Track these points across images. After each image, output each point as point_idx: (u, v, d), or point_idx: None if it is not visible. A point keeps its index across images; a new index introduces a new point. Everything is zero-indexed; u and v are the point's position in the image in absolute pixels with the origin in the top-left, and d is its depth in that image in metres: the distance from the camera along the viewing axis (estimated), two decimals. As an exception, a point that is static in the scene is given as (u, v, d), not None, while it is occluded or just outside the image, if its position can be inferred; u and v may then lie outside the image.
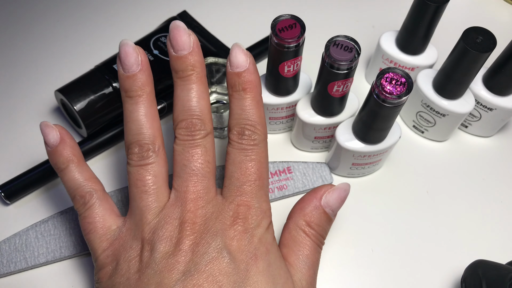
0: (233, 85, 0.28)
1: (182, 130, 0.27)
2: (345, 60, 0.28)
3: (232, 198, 0.26)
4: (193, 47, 0.28)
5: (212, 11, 0.47)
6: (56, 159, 0.28)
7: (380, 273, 0.33)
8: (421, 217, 0.35)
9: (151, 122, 0.27)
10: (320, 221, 0.27)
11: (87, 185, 0.27)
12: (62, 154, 0.28)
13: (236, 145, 0.27)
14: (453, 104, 0.35)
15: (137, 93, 0.27)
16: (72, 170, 0.28)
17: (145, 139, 0.27)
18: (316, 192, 0.28)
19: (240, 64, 0.28)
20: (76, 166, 0.28)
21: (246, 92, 0.28)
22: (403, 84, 0.28)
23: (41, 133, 0.28)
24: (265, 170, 0.27)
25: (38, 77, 0.42)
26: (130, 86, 0.27)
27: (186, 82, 0.28)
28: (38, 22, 0.46)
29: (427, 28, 0.35)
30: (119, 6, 0.48)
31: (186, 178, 0.26)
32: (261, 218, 0.26)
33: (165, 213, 0.26)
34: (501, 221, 0.35)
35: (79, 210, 0.27)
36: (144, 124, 0.27)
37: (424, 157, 0.38)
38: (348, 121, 0.34)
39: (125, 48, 0.27)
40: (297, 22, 0.29)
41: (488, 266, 0.29)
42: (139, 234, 0.26)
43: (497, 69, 0.34)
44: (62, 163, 0.28)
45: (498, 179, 0.37)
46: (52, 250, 0.32)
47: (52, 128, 0.28)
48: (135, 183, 0.26)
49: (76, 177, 0.27)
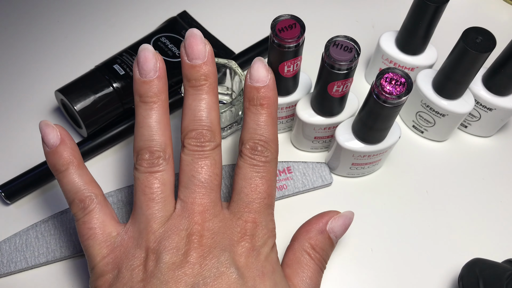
0: (250, 99, 0.28)
1: (192, 140, 0.27)
2: (345, 60, 0.28)
3: (240, 214, 0.26)
4: (208, 57, 0.27)
5: (212, 11, 0.47)
6: (55, 160, 0.27)
7: (379, 273, 0.33)
8: (421, 217, 0.35)
9: (164, 130, 0.27)
10: (324, 246, 0.28)
11: (87, 189, 0.27)
12: (62, 156, 0.27)
13: (248, 160, 0.27)
14: (452, 104, 0.35)
15: (152, 99, 0.27)
16: (72, 172, 0.27)
17: (156, 146, 0.26)
18: (322, 216, 0.29)
19: (260, 79, 0.28)
20: (76, 169, 0.27)
21: (263, 108, 0.27)
22: (402, 84, 0.28)
23: (41, 132, 0.27)
24: (274, 188, 0.27)
25: (38, 77, 0.42)
26: (146, 92, 0.27)
27: (198, 91, 0.27)
28: (38, 22, 0.46)
29: (427, 28, 0.35)
30: (119, 6, 0.48)
31: (194, 189, 0.26)
32: (267, 237, 0.26)
33: (171, 223, 0.25)
34: (500, 220, 0.35)
35: (77, 215, 0.26)
36: (157, 131, 0.27)
37: (423, 157, 0.38)
38: (348, 121, 0.34)
39: (145, 53, 0.27)
40: (297, 22, 0.29)
41: (485, 265, 0.29)
42: (144, 243, 0.25)
43: (497, 69, 0.34)
44: (61, 165, 0.27)
45: (497, 179, 0.37)
46: (52, 250, 0.32)
47: (53, 128, 0.27)
48: (143, 190, 0.26)
49: (76, 180, 0.27)
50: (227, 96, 0.39)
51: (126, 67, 0.37)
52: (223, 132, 0.38)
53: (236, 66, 0.35)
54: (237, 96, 0.35)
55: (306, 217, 0.35)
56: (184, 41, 0.27)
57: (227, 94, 0.39)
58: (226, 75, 0.37)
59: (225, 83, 0.38)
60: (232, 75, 0.36)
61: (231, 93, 0.38)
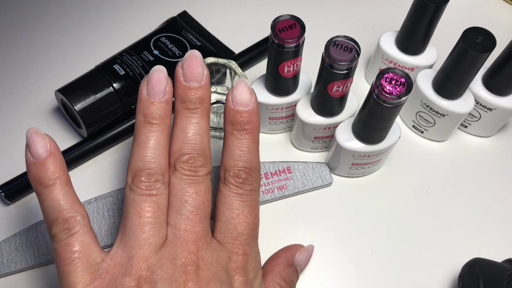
0: (233, 123, 0.27)
1: (185, 164, 0.25)
2: (345, 60, 0.28)
3: (230, 245, 0.26)
4: (205, 81, 0.27)
5: (212, 11, 0.47)
6: (41, 173, 0.24)
7: (379, 273, 0.33)
8: (421, 217, 0.35)
9: (164, 154, 0.26)
10: (292, 277, 0.29)
11: (72, 209, 0.24)
12: (50, 169, 0.24)
13: (234, 189, 0.26)
14: (452, 104, 0.35)
15: (157, 121, 0.26)
16: (58, 189, 0.24)
17: (156, 169, 0.25)
18: (289, 250, 0.31)
19: (244, 102, 0.27)
20: (63, 186, 0.24)
21: (247, 133, 0.27)
22: (402, 84, 0.28)
23: (28, 140, 0.24)
24: (258, 217, 0.27)
25: (38, 77, 0.42)
26: (151, 113, 0.26)
27: (193, 114, 0.26)
28: (38, 22, 0.46)
29: (427, 28, 0.35)
30: (119, 6, 0.48)
31: (188, 216, 0.25)
32: (257, 269, 0.26)
33: (165, 251, 0.24)
34: (500, 220, 0.35)
35: (58, 236, 0.24)
36: (157, 154, 0.26)
37: (423, 157, 0.38)
38: (348, 121, 0.34)
39: (158, 74, 0.26)
40: (297, 22, 0.29)
41: (485, 264, 0.29)
42: (134, 271, 0.23)
43: (497, 69, 0.34)
44: (48, 179, 0.24)
45: (497, 179, 0.37)
46: (52, 250, 0.32)
47: (43, 137, 0.25)
48: (138, 213, 0.24)
49: (61, 197, 0.24)
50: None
51: (126, 67, 0.37)
52: (223, 132, 0.37)
53: (236, 66, 0.35)
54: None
55: (306, 217, 0.35)
56: (183, 61, 0.27)
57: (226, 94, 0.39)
58: (226, 75, 0.37)
59: (225, 83, 0.38)
60: (232, 75, 0.36)
61: (231, 93, 0.38)
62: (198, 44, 0.42)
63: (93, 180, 0.36)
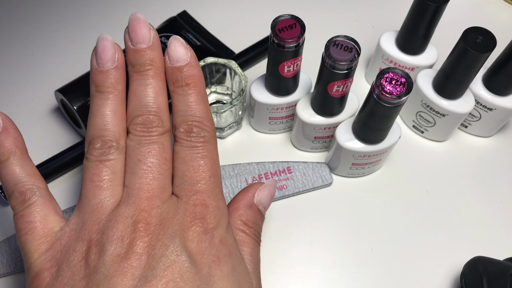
0: (174, 81, 0.26)
1: (138, 126, 0.25)
2: (345, 60, 0.28)
3: (187, 197, 0.24)
4: (153, 41, 0.26)
5: (212, 11, 0.47)
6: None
7: (380, 273, 0.33)
8: (421, 216, 0.35)
9: (118, 120, 0.26)
10: (255, 219, 0.27)
11: (28, 181, 0.24)
12: (4, 145, 0.25)
13: (185, 143, 0.25)
14: (453, 104, 0.35)
15: (108, 89, 0.26)
16: (13, 163, 0.24)
17: (109, 135, 0.25)
18: (247, 191, 0.28)
19: (180, 58, 0.26)
20: (18, 160, 0.25)
21: (189, 87, 0.26)
22: (403, 84, 0.28)
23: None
24: (218, 167, 0.26)
25: (38, 77, 0.42)
26: (102, 82, 0.26)
27: (144, 77, 0.26)
28: (38, 22, 0.46)
29: (427, 28, 0.35)
30: (119, 6, 0.48)
31: (141, 174, 0.24)
32: (219, 217, 0.25)
33: (116, 212, 0.23)
34: (499, 221, 0.35)
35: (16, 208, 0.24)
36: (111, 121, 0.25)
37: (424, 157, 0.38)
38: (348, 121, 0.34)
39: (103, 42, 0.26)
40: (297, 22, 0.29)
41: (488, 262, 0.29)
42: (86, 235, 0.23)
43: (497, 69, 0.34)
44: (2, 154, 0.24)
45: (497, 179, 0.37)
46: (52, 250, 0.32)
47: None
48: (90, 178, 0.24)
49: (16, 171, 0.24)
50: (227, 96, 0.39)
51: (126, 67, 0.37)
52: (222, 132, 0.38)
53: (236, 66, 0.35)
54: (237, 96, 0.35)
55: (306, 217, 0.35)
56: (128, 25, 0.26)
57: (227, 94, 0.39)
58: (226, 75, 0.37)
59: (225, 83, 0.38)
60: (232, 75, 0.36)
61: (231, 93, 0.38)
62: (198, 44, 0.42)
63: (93, 180, 0.36)
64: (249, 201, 0.27)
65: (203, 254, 0.23)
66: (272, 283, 0.32)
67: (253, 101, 0.35)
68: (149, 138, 0.25)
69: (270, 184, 0.28)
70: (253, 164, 0.36)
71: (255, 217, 0.27)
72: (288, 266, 0.33)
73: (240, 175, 0.36)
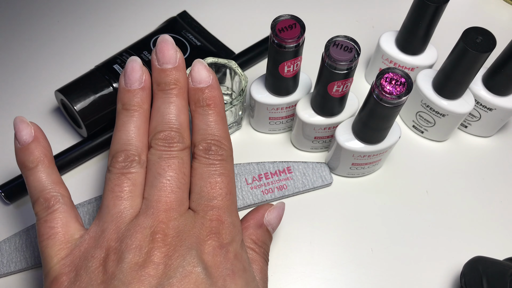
0: (196, 101, 0.28)
1: (160, 141, 0.26)
2: (345, 60, 0.28)
3: (204, 212, 0.25)
4: (179, 62, 0.28)
5: (212, 11, 0.47)
6: (25, 157, 0.26)
7: (380, 273, 0.33)
8: (421, 216, 0.35)
9: (142, 136, 0.27)
10: (264, 239, 0.28)
11: (53, 188, 0.26)
12: (33, 153, 0.26)
13: (203, 160, 0.26)
14: (452, 104, 0.35)
15: (134, 107, 0.27)
16: (40, 170, 0.26)
17: (132, 150, 0.26)
18: (257, 211, 0.29)
19: (203, 80, 0.28)
20: (45, 168, 0.26)
21: (210, 108, 0.27)
22: (402, 84, 0.28)
23: (14, 128, 0.27)
24: (234, 185, 0.27)
25: (38, 77, 0.42)
26: (129, 100, 0.27)
27: (168, 95, 0.27)
28: (38, 22, 0.46)
29: (427, 28, 0.35)
30: (119, 6, 0.48)
31: (160, 188, 0.25)
32: (234, 234, 0.25)
33: (135, 222, 0.24)
34: (500, 220, 0.35)
35: (39, 214, 0.25)
36: (134, 136, 0.27)
37: (423, 157, 0.38)
38: (348, 121, 0.34)
39: (133, 64, 0.28)
40: (297, 22, 0.29)
41: (487, 262, 0.29)
42: (105, 243, 0.24)
43: (497, 69, 0.34)
44: (31, 161, 0.26)
45: (497, 179, 0.37)
46: (52, 250, 0.32)
47: (28, 124, 0.27)
48: (112, 188, 0.25)
49: (43, 178, 0.26)
50: (227, 96, 0.39)
51: (126, 67, 0.37)
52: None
53: (236, 66, 0.35)
54: (237, 96, 0.35)
55: (306, 217, 0.35)
56: (156, 46, 0.28)
57: (227, 94, 0.39)
58: (226, 75, 0.37)
59: (225, 83, 0.38)
60: (232, 75, 0.36)
61: (231, 93, 0.38)
62: (198, 44, 0.42)
63: (93, 180, 0.36)
64: (259, 221, 0.28)
65: (218, 267, 0.24)
66: (272, 283, 0.32)
67: (253, 101, 0.35)
68: (170, 153, 0.26)
69: (279, 207, 0.30)
70: (253, 164, 0.36)
71: (264, 236, 0.28)
72: (288, 266, 0.33)
73: (240, 175, 0.36)
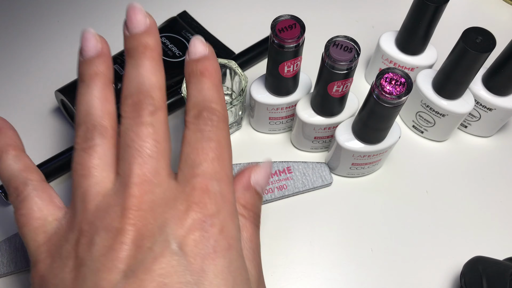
0: (190, 72, 0.25)
1: (128, 108, 0.24)
2: (345, 60, 0.28)
3: (186, 181, 0.22)
4: (149, 27, 0.25)
5: (212, 11, 0.47)
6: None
7: (380, 273, 0.33)
8: (421, 216, 0.35)
9: (102, 103, 0.24)
10: (254, 201, 0.26)
11: (21, 175, 0.24)
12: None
13: (192, 127, 0.24)
14: (452, 104, 0.35)
15: (91, 76, 0.25)
16: (7, 159, 0.25)
17: (91, 121, 0.24)
18: (243, 174, 0.26)
19: (198, 52, 0.25)
20: (12, 156, 0.25)
21: (204, 76, 0.25)
22: (402, 84, 0.28)
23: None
24: (226, 151, 0.24)
25: (38, 77, 0.42)
26: (84, 70, 0.25)
27: (136, 59, 0.25)
28: (38, 22, 0.46)
29: (427, 28, 0.35)
30: (120, 6, 0.48)
31: (130, 160, 0.22)
32: (222, 204, 0.22)
33: (105, 200, 0.22)
34: (500, 220, 0.35)
35: (13, 204, 0.24)
36: (94, 105, 0.24)
37: (423, 157, 0.38)
38: (348, 121, 0.34)
39: (85, 34, 0.26)
40: (297, 22, 0.29)
41: (487, 262, 0.29)
42: (77, 225, 0.22)
43: (497, 69, 0.34)
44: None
45: (497, 179, 0.37)
46: (52, 250, 0.32)
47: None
48: (74, 168, 0.23)
49: (10, 167, 0.25)
50: (227, 96, 0.39)
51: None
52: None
53: (236, 66, 0.35)
54: (237, 96, 0.35)
55: (306, 217, 0.35)
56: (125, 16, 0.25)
57: (227, 94, 0.39)
58: (226, 75, 0.37)
59: (225, 83, 0.38)
60: (232, 75, 0.36)
61: (231, 93, 0.38)
62: (198, 44, 0.42)
63: (93, 180, 0.36)
64: (246, 183, 0.26)
65: (197, 245, 0.21)
66: (272, 283, 0.32)
67: (253, 101, 0.35)
68: (138, 119, 0.23)
69: (265, 165, 0.27)
70: (253, 164, 0.36)
71: (253, 199, 0.26)
72: (288, 266, 0.33)
73: (240, 175, 0.36)
